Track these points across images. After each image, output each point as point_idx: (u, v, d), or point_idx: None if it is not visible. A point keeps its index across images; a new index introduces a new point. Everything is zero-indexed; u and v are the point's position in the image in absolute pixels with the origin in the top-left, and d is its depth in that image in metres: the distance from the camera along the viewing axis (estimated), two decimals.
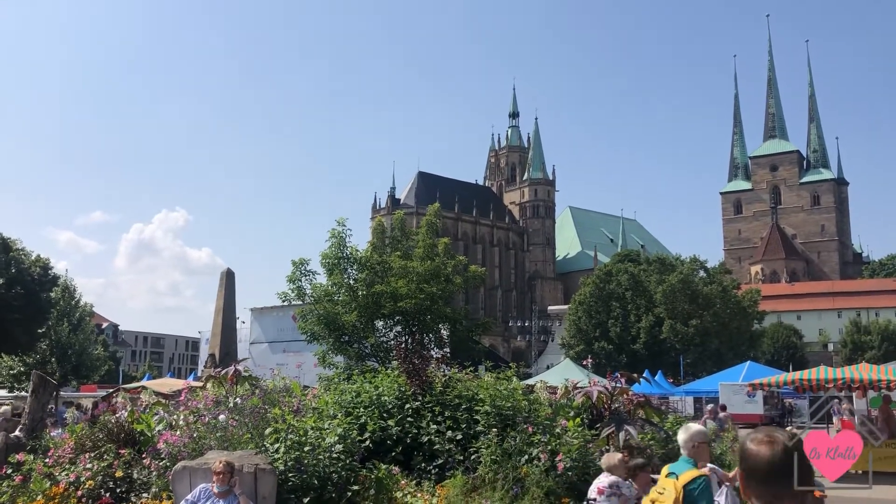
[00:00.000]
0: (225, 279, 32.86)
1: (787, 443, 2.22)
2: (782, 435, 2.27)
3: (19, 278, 28.28)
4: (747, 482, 2.25)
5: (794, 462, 2.16)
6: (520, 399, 10.31)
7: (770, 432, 2.31)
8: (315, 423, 9.19)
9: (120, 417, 11.15)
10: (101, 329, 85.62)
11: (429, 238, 19.94)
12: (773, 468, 2.15)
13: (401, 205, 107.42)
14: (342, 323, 18.29)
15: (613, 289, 66.36)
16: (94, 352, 51.56)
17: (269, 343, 61.49)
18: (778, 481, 2.11)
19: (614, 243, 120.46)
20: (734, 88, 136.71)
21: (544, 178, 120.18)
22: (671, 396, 39.50)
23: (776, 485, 2.11)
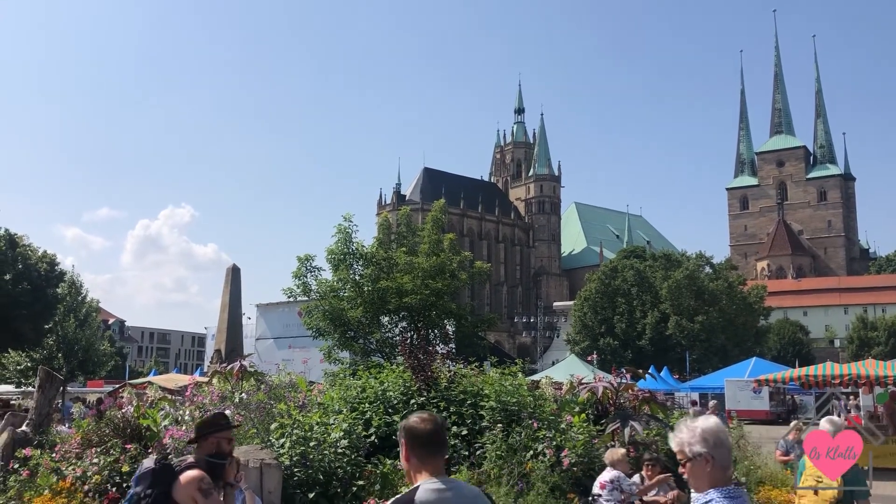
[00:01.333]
0: (230, 275, 32.88)
1: (439, 420, 3.22)
2: (437, 415, 3.29)
3: (26, 274, 28.36)
4: (410, 447, 3.12)
5: (442, 432, 3.18)
6: (525, 395, 10.31)
7: (430, 413, 3.30)
8: (320, 419, 9.20)
9: (126, 413, 11.15)
10: (107, 325, 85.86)
11: (434, 234, 19.92)
12: (431, 437, 3.10)
13: (406, 201, 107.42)
14: (347, 318, 18.28)
15: (619, 285, 66.30)
16: (101, 347, 51.73)
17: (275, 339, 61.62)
18: (434, 445, 3.11)
19: (620, 239, 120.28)
20: (740, 84, 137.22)
21: (550, 174, 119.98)
22: (676, 392, 39.53)
23: (432, 447, 3.10)
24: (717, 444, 3.20)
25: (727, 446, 3.26)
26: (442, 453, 3.17)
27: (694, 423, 3.28)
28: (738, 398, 34.57)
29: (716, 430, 3.22)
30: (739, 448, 12.08)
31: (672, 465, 9.27)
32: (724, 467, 3.21)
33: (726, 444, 3.26)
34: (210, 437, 4.38)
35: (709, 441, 3.18)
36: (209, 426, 4.49)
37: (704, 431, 3.21)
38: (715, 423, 3.27)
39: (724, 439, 3.25)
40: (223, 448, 4.39)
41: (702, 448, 3.18)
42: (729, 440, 3.32)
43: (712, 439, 3.19)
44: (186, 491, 4.06)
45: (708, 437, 3.19)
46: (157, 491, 4.10)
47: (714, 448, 3.18)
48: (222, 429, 4.48)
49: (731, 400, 34.49)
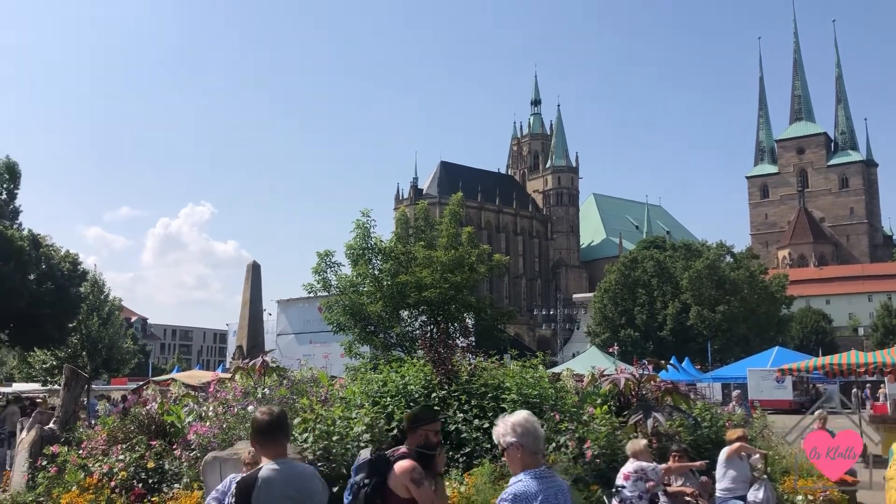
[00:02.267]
0: (251, 272, 33.09)
1: (277, 412, 3.87)
2: (276, 408, 3.97)
3: (49, 274, 28.64)
4: (254, 437, 3.82)
5: (283, 422, 3.85)
6: (546, 387, 10.29)
7: (271, 407, 4.01)
8: (343, 413, 9.23)
9: (150, 409, 11.27)
10: (130, 323, 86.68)
11: (452, 227, 19.91)
12: (270, 427, 3.78)
13: (423, 195, 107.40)
14: (367, 313, 18.33)
15: (639, 276, 66.00)
16: (124, 345, 52.24)
17: (296, 334, 61.92)
18: (272, 433, 3.78)
19: (639, 230, 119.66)
20: (759, 71, 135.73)
21: (567, 166, 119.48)
22: (699, 383, 39.29)
23: (271, 435, 3.78)
24: (525, 433, 3.74)
25: (535, 435, 3.76)
26: (281, 440, 3.87)
27: (506, 418, 3.86)
28: (761, 388, 34.32)
29: (523, 422, 3.78)
30: (763, 438, 11.99)
31: (697, 456, 9.26)
32: (534, 452, 3.75)
33: (533, 432, 3.76)
34: (419, 429, 4.66)
35: (517, 431, 3.74)
36: (418, 419, 4.77)
37: (514, 424, 3.77)
38: (524, 416, 3.82)
39: (531, 429, 3.77)
40: (431, 439, 4.65)
41: (512, 438, 3.73)
42: (538, 430, 3.81)
43: (521, 430, 3.75)
44: (400, 480, 4.38)
45: (517, 428, 3.75)
46: (374, 480, 4.48)
47: (522, 437, 3.72)
48: (430, 421, 4.77)
49: (754, 390, 34.23)
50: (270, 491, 3.63)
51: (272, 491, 3.63)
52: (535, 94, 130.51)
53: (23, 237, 28.13)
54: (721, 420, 11.13)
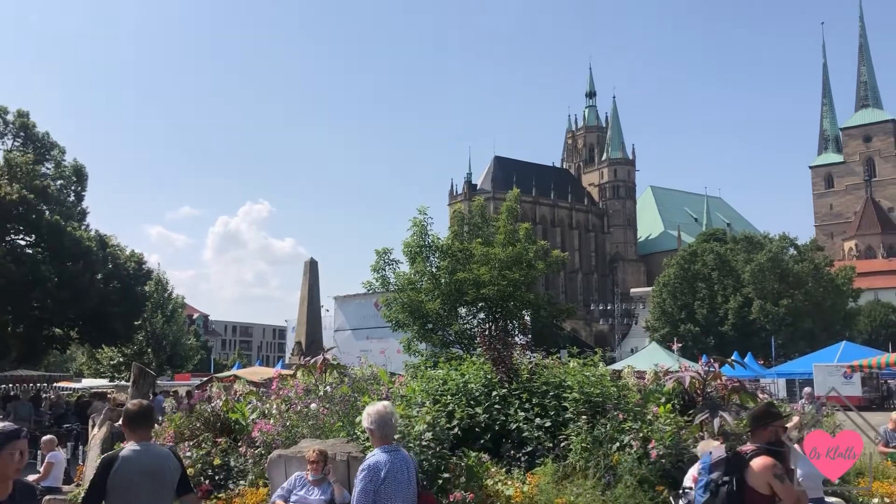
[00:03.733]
0: (308, 269, 33.51)
1: (146, 405, 4.88)
2: (146, 402, 4.93)
3: (116, 273, 29.50)
4: (125, 424, 4.76)
5: (150, 413, 4.84)
6: (608, 385, 10.14)
7: (141, 401, 5.02)
8: (404, 411, 9.25)
9: (215, 406, 11.45)
10: (192, 320, 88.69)
11: (509, 224, 19.75)
12: (138, 415, 4.76)
13: (478, 190, 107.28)
14: (426, 311, 18.32)
15: (699, 269, 64.83)
16: (187, 342, 53.58)
17: (353, 330, 62.53)
18: (139, 421, 4.74)
19: (698, 222, 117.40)
20: (822, 57, 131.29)
21: (624, 158, 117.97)
22: (762, 379, 38.35)
23: (138, 422, 4.73)
24: (378, 420, 5.01)
25: (386, 422, 5.01)
26: (146, 427, 4.89)
27: (368, 408, 5.14)
28: (829, 384, 33.30)
29: (378, 412, 5.06)
30: None
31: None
32: (385, 435, 5.03)
33: (386, 419, 5.00)
34: (769, 426, 4.80)
35: (373, 418, 5.01)
36: (766, 416, 4.91)
37: (369, 413, 5.06)
38: (379, 406, 5.13)
39: (384, 416, 5.02)
40: (779, 436, 4.84)
41: (368, 424, 5.04)
42: (389, 418, 5.06)
43: (375, 417, 5.01)
44: (762, 477, 4.47)
45: (372, 416, 5.02)
46: (733, 477, 4.58)
47: (375, 423, 5.00)
48: (778, 418, 4.96)
49: (821, 386, 33.25)
50: (127, 466, 4.57)
51: (129, 466, 4.58)
52: (589, 86, 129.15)
53: (90, 238, 29.01)
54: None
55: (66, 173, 30.45)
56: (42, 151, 29.64)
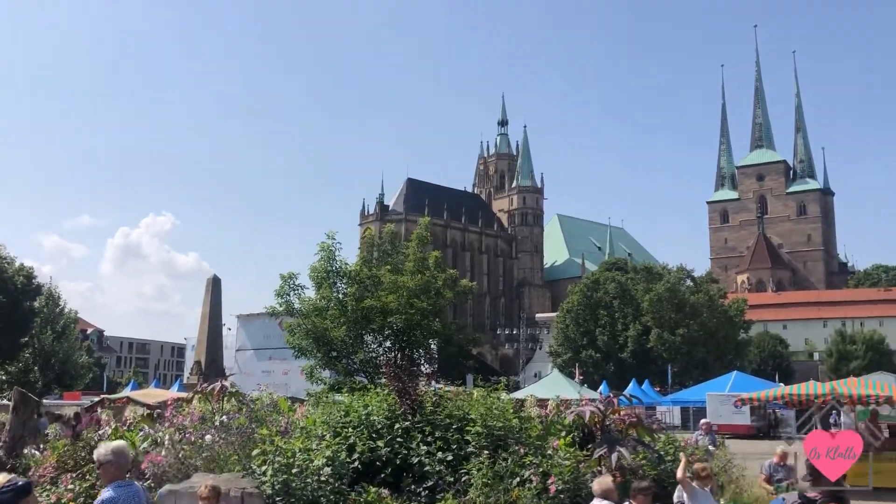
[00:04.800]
0: (211, 286, 32.56)
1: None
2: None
3: (2, 287, 27.95)
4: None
5: None
6: (511, 418, 10.19)
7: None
8: (303, 444, 9.03)
9: (103, 434, 10.93)
10: (85, 335, 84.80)
11: (419, 251, 19.76)
12: None
13: (390, 211, 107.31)
14: (331, 338, 18.07)
15: (601, 297, 66.45)
16: (79, 359, 51.06)
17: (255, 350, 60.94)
18: None
19: (602, 251, 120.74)
20: (721, 98, 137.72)
21: (533, 186, 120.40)
22: (658, 407, 39.47)
23: None
24: (117, 454, 5.33)
25: (125, 457, 5.42)
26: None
27: (108, 444, 5.45)
28: (720, 412, 34.55)
29: (118, 446, 5.41)
30: (726, 472, 11.99)
31: (660, 491, 9.20)
32: (120, 470, 5.35)
33: (124, 455, 5.40)
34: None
35: (111, 453, 5.29)
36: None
37: (110, 449, 5.32)
38: (119, 444, 5.55)
39: (122, 453, 5.40)
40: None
41: (106, 458, 5.26)
42: (127, 455, 5.51)
43: (115, 452, 5.32)
44: None
45: (111, 450, 5.31)
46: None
47: (113, 458, 5.29)
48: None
49: (713, 414, 34.49)
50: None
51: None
52: (502, 114, 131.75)
53: None
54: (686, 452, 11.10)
55: None
56: None
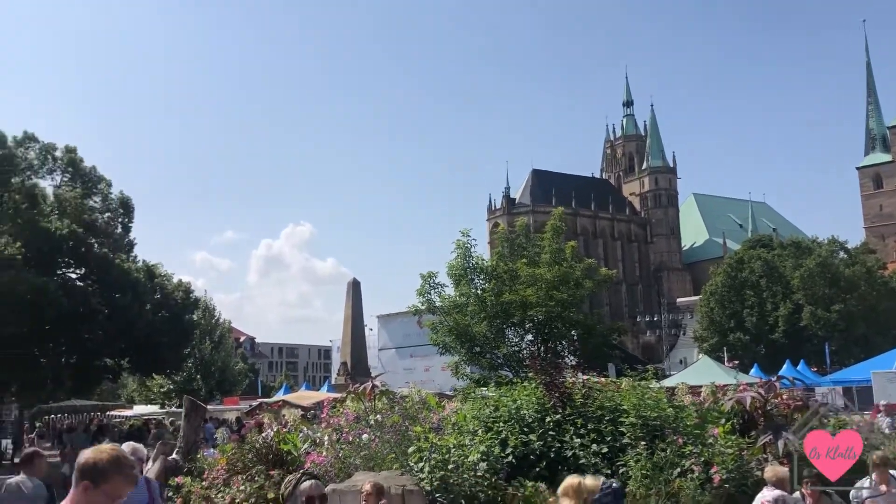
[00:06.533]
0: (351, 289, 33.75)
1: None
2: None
3: (164, 303, 29.98)
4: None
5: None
6: (665, 408, 9.88)
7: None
8: (457, 440, 9.12)
9: (266, 437, 11.44)
10: (239, 343, 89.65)
11: (555, 243, 19.56)
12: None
13: (516, 204, 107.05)
14: (473, 333, 18.18)
15: (746, 276, 63.73)
16: (235, 366, 54.17)
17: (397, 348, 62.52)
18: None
19: (744, 229, 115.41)
20: (865, 56, 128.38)
21: (664, 166, 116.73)
22: (818, 388, 37.27)
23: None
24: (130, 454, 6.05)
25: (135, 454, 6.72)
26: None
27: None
28: (889, 391, 32.22)
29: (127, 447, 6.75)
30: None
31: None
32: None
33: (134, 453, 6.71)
34: None
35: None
36: None
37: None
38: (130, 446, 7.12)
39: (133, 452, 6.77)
40: None
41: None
42: (136, 451, 7.08)
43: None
44: None
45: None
46: None
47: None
48: None
49: (881, 393, 32.14)
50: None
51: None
52: (626, 94, 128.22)
53: (138, 269, 29.55)
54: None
55: (113, 206, 31.10)
56: (89, 185, 30.31)
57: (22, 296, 23.42)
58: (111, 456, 2.98)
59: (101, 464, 2.91)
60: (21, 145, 29.01)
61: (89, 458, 2.94)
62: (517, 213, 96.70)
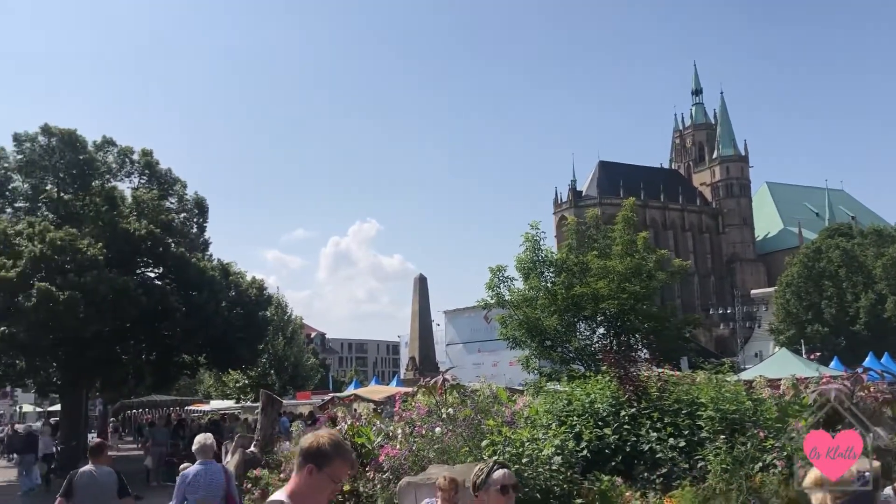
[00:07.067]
0: (418, 285, 33.95)
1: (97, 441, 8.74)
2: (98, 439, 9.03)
3: (239, 300, 30.61)
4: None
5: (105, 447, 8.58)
6: (744, 400, 9.63)
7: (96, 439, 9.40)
8: (530, 434, 9.06)
9: (341, 430, 11.60)
10: (310, 339, 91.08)
11: (627, 234, 19.24)
12: (96, 448, 8.28)
13: (583, 197, 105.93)
14: (543, 327, 18.04)
15: (824, 266, 61.64)
16: (307, 361, 55.05)
17: (464, 343, 62.64)
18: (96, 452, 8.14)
19: (820, 217, 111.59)
20: None
21: (736, 155, 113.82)
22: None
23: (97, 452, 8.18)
24: (199, 444, 7.84)
25: (204, 445, 7.93)
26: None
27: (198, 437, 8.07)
28: None
29: (199, 439, 8.10)
30: None
31: None
32: (206, 453, 7.89)
33: (202, 444, 7.94)
34: None
35: (197, 443, 8.00)
36: None
37: (196, 440, 7.90)
38: (202, 436, 8.28)
39: (203, 442, 7.92)
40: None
41: (196, 446, 7.97)
42: (205, 443, 7.91)
43: (198, 442, 7.93)
44: None
45: (198, 440, 7.93)
46: None
47: (198, 446, 7.91)
48: None
49: None
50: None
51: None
52: (695, 83, 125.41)
53: (213, 267, 30.26)
54: None
55: (188, 206, 31.92)
56: (165, 187, 31.16)
57: (104, 295, 24.26)
58: (332, 440, 3.02)
59: (324, 447, 2.97)
60: (100, 149, 30.04)
61: (312, 442, 3.00)
62: (584, 206, 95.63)
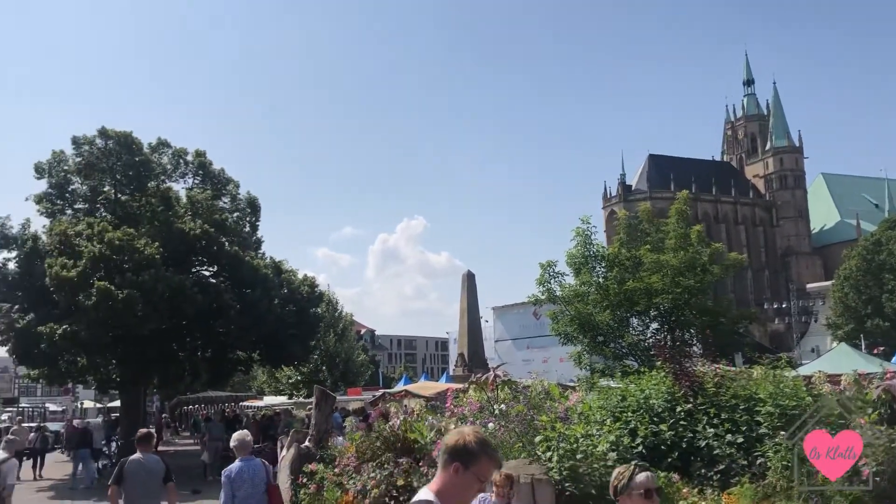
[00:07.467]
0: (466, 281, 33.92)
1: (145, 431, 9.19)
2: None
3: (291, 297, 31.04)
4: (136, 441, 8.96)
5: (151, 436, 9.36)
6: (804, 396, 9.43)
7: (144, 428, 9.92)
8: (584, 430, 9.01)
9: (394, 426, 11.67)
10: (360, 336, 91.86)
11: (680, 227, 18.91)
12: (143, 438, 9.07)
13: (632, 191, 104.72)
14: (595, 323, 17.86)
15: (885, 259, 59.80)
16: (358, 358, 55.58)
17: (513, 340, 62.39)
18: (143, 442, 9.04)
19: (879, 208, 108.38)
20: None
21: (790, 146, 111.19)
22: None
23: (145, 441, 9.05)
24: (238, 440, 8.32)
25: (243, 441, 8.24)
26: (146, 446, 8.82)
27: (234, 435, 8.51)
28: None
29: (238, 435, 8.39)
30: None
31: None
32: (242, 448, 8.25)
33: (242, 441, 8.25)
34: None
35: (236, 439, 8.40)
36: None
37: (234, 436, 8.35)
38: (241, 433, 8.53)
39: (239, 439, 8.32)
40: None
41: (235, 443, 8.28)
42: (244, 440, 8.28)
43: (237, 438, 8.33)
44: None
45: (237, 437, 8.32)
46: None
47: (234, 442, 8.38)
48: None
49: None
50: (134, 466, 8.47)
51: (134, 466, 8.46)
52: (746, 73, 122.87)
53: (266, 265, 30.76)
54: None
55: (241, 206, 32.47)
56: (219, 187, 31.76)
57: (161, 294, 24.84)
58: (478, 438, 2.97)
59: (470, 446, 2.91)
60: (155, 151, 30.75)
61: (458, 440, 2.94)
62: (634, 200, 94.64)
